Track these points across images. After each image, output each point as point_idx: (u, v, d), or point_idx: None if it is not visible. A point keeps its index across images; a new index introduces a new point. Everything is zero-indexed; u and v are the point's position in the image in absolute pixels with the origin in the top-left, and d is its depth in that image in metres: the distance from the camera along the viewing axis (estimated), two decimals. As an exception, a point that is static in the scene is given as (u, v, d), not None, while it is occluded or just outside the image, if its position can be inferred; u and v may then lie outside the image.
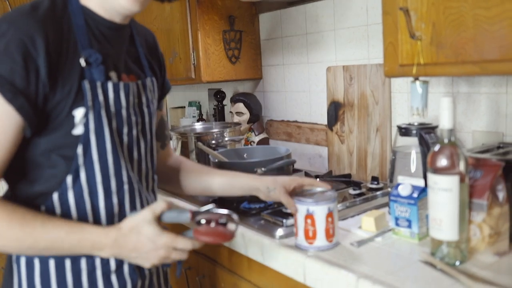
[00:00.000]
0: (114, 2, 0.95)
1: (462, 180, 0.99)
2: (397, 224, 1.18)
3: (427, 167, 1.02)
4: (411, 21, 1.16)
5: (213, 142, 1.76)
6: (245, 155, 1.66)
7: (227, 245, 1.35)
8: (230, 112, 2.23)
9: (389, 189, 1.41)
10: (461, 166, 0.98)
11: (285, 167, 1.49)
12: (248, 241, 1.26)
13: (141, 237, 0.93)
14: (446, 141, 1.00)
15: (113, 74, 0.99)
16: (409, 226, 1.15)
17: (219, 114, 2.36)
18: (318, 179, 1.76)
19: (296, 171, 1.90)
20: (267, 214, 1.35)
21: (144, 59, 1.12)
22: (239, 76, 2.21)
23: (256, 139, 2.16)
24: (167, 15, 2.25)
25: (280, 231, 1.23)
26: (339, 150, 1.84)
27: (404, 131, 1.33)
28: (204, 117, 2.65)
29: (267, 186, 1.18)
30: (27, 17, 0.87)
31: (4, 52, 0.84)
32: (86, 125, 0.93)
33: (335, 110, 1.84)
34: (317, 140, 1.98)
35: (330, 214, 1.11)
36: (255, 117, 2.18)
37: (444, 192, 0.98)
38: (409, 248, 1.11)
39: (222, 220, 0.97)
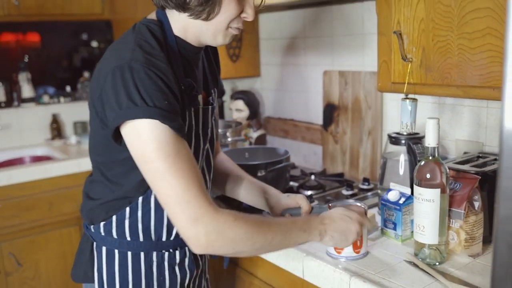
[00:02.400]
0: (210, 40, 1.06)
1: (443, 192, 1.13)
2: (385, 225, 1.33)
3: (414, 179, 1.16)
4: (404, 44, 1.28)
5: (217, 141, 1.88)
6: (246, 155, 1.79)
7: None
8: (230, 108, 2.34)
9: (379, 191, 1.55)
10: (443, 180, 1.12)
11: (284, 168, 1.62)
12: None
13: (337, 214, 1.12)
14: (430, 157, 1.13)
15: (200, 98, 1.12)
16: (394, 228, 1.29)
17: (219, 110, 2.47)
18: (313, 176, 1.90)
19: (293, 167, 2.03)
20: (267, 213, 1.48)
21: (208, 72, 1.22)
22: (239, 74, 2.33)
23: (255, 135, 2.28)
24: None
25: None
26: (333, 149, 1.98)
27: (394, 140, 1.47)
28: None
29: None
30: (158, 58, 0.97)
31: (157, 88, 0.93)
32: None
33: (330, 112, 1.97)
34: (312, 138, 2.11)
35: None
36: (254, 114, 2.31)
37: (427, 202, 1.12)
38: (395, 248, 1.26)
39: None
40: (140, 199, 1.09)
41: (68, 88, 3.09)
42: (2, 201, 2.30)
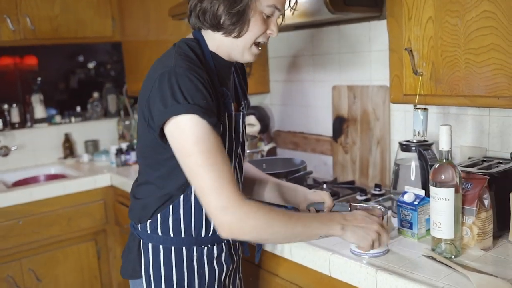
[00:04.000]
0: (239, 56, 1.22)
1: (456, 191, 1.25)
2: (401, 225, 1.44)
3: (430, 180, 1.28)
4: (414, 59, 1.41)
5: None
6: (264, 166, 1.90)
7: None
8: (242, 123, 2.47)
9: (392, 195, 1.67)
10: (457, 180, 1.24)
11: (302, 176, 1.74)
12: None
13: (359, 214, 1.23)
14: (444, 160, 1.26)
15: (233, 105, 1.26)
16: (411, 228, 1.41)
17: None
18: (325, 185, 2.01)
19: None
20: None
21: (238, 86, 1.37)
22: (249, 91, 2.41)
23: (266, 148, 2.40)
24: (183, 33, 2.46)
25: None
26: (343, 159, 2.10)
27: (405, 147, 1.60)
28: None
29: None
30: (197, 66, 1.11)
31: (197, 89, 1.07)
32: None
33: (340, 124, 2.10)
34: (322, 150, 2.23)
35: None
36: (265, 128, 2.43)
37: (443, 201, 1.24)
38: (412, 245, 1.37)
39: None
40: (181, 197, 1.20)
41: (78, 108, 3.19)
42: (23, 218, 2.38)
